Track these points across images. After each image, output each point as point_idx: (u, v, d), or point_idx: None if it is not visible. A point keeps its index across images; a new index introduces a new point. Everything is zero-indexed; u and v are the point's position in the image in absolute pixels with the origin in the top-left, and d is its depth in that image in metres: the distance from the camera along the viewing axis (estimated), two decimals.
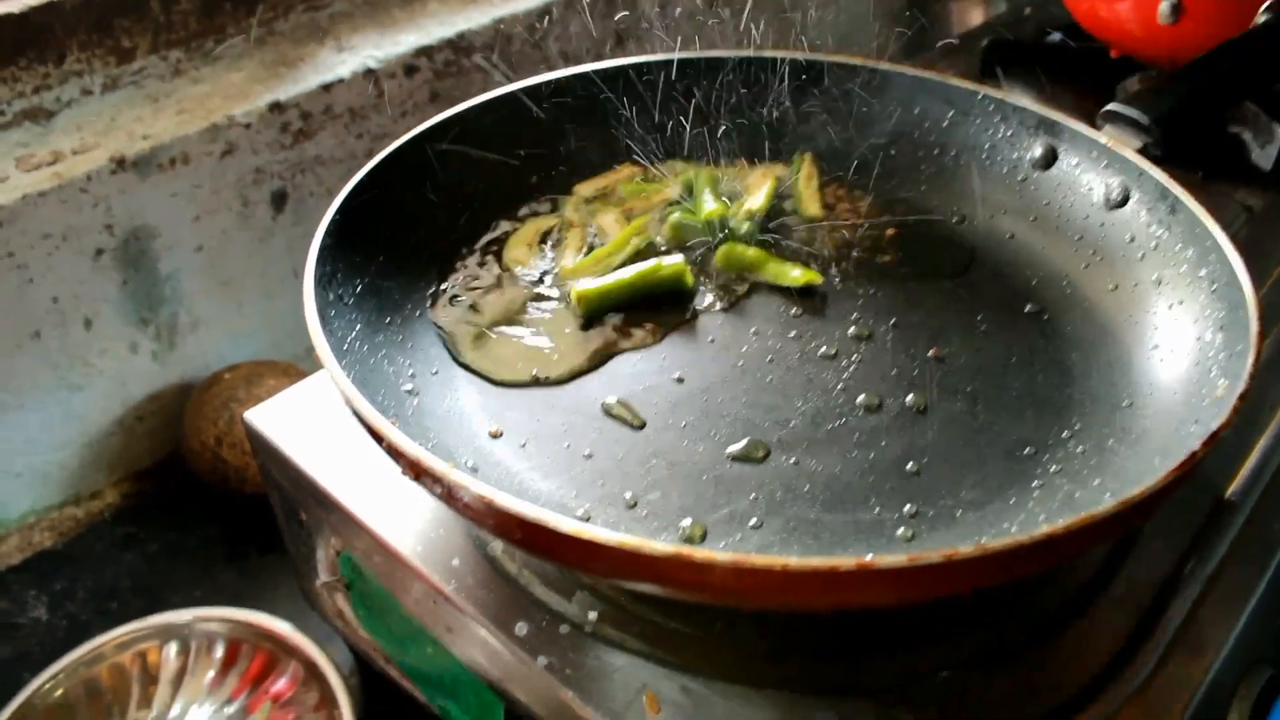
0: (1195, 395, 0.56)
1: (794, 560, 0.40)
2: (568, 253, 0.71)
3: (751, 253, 0.70)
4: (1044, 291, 0.68)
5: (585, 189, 0.76)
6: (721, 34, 1.21)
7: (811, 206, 0.75)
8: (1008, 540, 0.41)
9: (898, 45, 1.28)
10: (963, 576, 0.42)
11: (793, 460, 0.57)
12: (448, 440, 0.57)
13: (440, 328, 0.64)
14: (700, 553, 0.40)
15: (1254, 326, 0.53)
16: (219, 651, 0.75)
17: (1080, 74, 1.02)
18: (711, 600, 0.47)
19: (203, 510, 0.92)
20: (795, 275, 0.69)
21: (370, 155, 0.96)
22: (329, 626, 0.75)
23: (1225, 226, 0.61)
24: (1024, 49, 1.04)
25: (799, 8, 1.25)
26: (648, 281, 0.67)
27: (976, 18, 1.41)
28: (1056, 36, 1.10)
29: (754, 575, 0.40)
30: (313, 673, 0.72)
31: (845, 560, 0.40)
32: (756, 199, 0.74)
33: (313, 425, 0.66)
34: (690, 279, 0.68)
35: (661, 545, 0.41)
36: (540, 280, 0.69)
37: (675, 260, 0.68)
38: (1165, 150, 0.70)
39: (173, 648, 0.75)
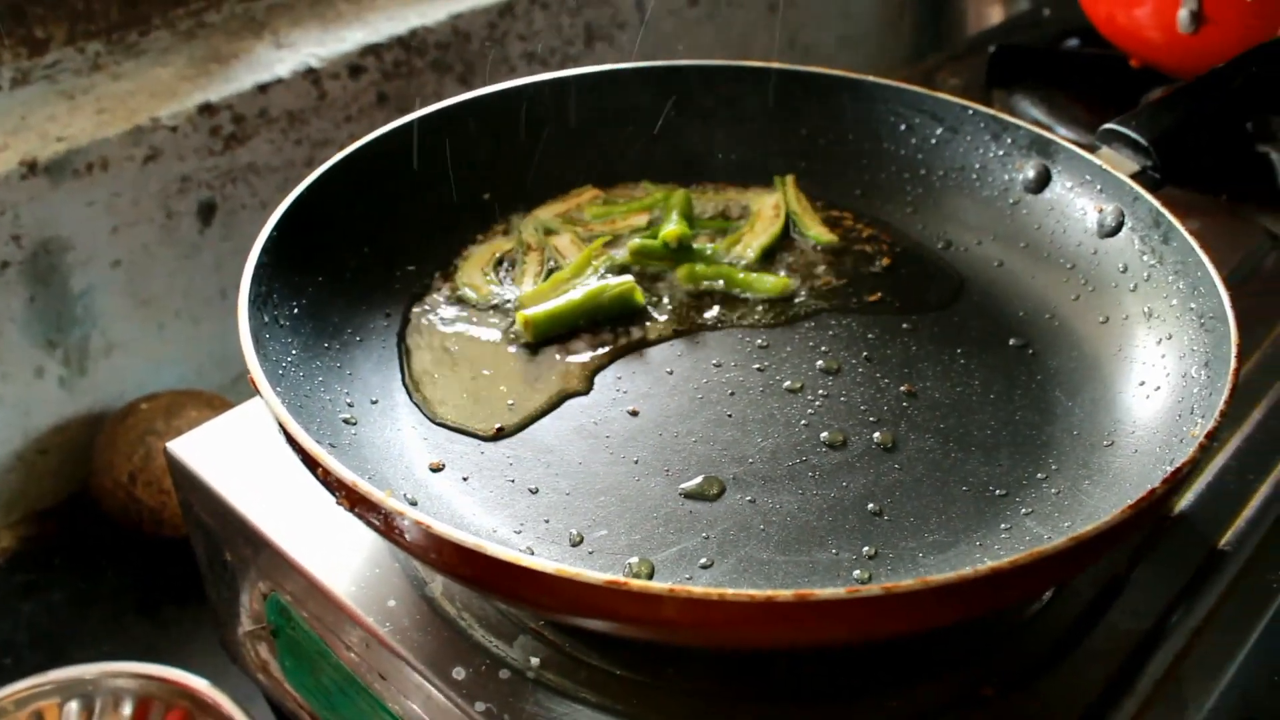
0: (1175, 434, 0.64)
1: (730, 590, 0.47)
2: (526, 278, 0.79)
3: (714, 268, 0.79)
4: (1030, 324, 0.77)
5: (545, 213, 0.84)
6: (705, 35, 1.30)
7: (818, 230, 0.84)
8: (951, 575, 0.49)
9: (905, 48, 1.38)
10: (906, 613, 0.50)
11: (749, 498, 0.65)
12: (385, 472, 0.64)
13: (405, 360, 0.73)
14: (636, 583, 0.48)
15: (1233, 363, 0.62)
16: (127, 710, 0.82)
17: (1098, 85, 1.11)
18: (650, 635, 0.54)
19: (113, 555, 0.99)
20: (769, 283, 0.78)
21: (310, 164, 1.05)
22: (251, 682, 0.82)
23: (1250, 254, 0.69)
24: (1035, 56, 1.13)
25: (795, 4, 1.35)
26: (596, 302, 0.76)
27: (996, 15, 1.51)
28: (1074, 43, 1.19)
29: (690, 606, 0.48)
30: None
31: (783, 592, 0.48)
32: (758, 238, 0.83)
33: (241, 458, 0.73)
34: (640, 296, 0.77)
35: (597, 575, 0.48)
36: (495, 307, 0.77)
37: (623, 279, 0.77)
38: (1166, 173, 0.78)
39: (74, 706, 0.82)
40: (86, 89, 1.00)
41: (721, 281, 0.80)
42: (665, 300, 0.79)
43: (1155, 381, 0.69)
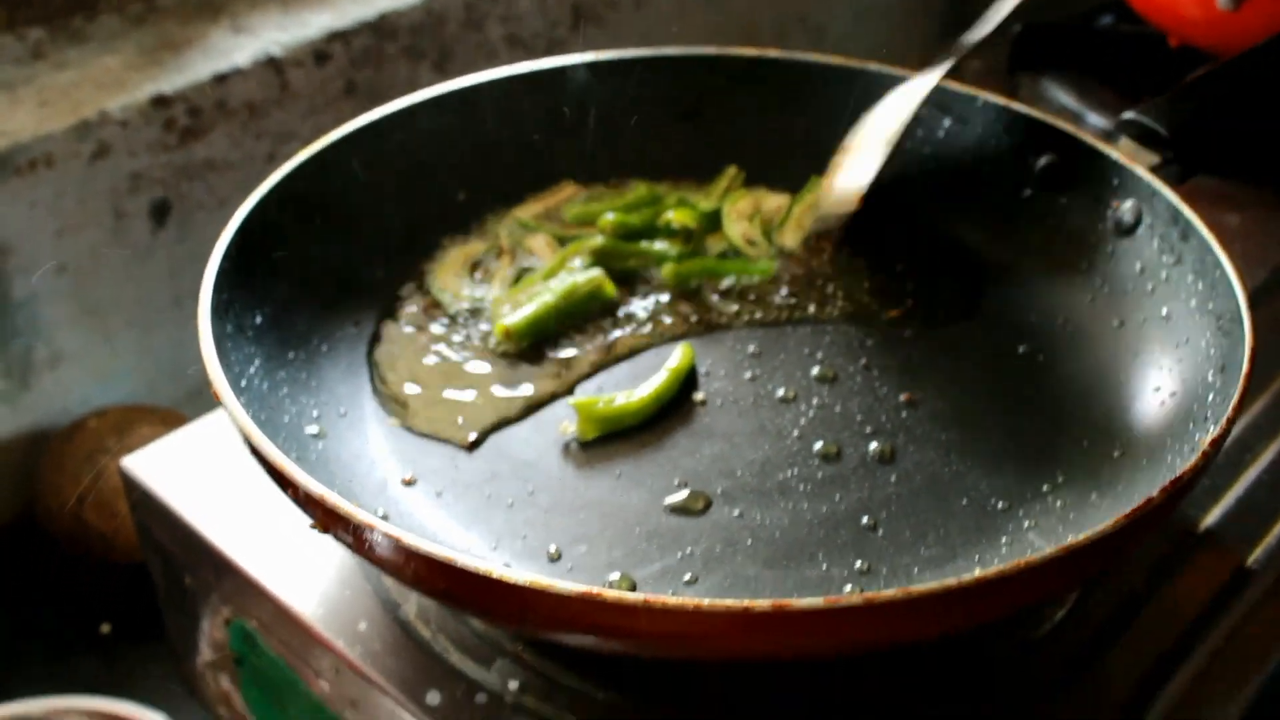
0: (1188, 443, 0.70)
1: (706, 601, 0.54)
2: (496, 282, 0.86)
3: (696, 262, 0.87)
4: (1041, 330, 0.84)
5: (524, 212, 0.91)
6: (704, 15, 1.37)
7: (790, 236, 0.91)
8: (934, 585, 0.55)
9: (927, 25, 1.44)
10: (888, 624, 0.56)
11: (736, 513, 0.71)
12: (355, 488, 0.71)
13: (376, 367, 0.80)
14: (611, 593, 0.55)
15: (1245, 367, 0.68)
16: None
17: (1133, 67, 1.18)
18: (628, 650, 0.61)
19: (58, 585, 1.06)
20: (753, 266, 0.88)
21: (272, 160, 1.12)
22: (210, 718, 0.89)
23: None
24: (1064, 35, 1.19)
25: None
26: (570, 300, 0.83)
27: None
28: (1108, 20, 1.26)
29: (666, 616, 0.54)
30: None
31: (760, 602, 0.54)
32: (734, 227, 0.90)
33: (201, 476, 0.80)
34: (611, 289, 0.85)
35: (572, 586, 0.55)
36: (471, 312, 0.84)
37: (591, 274, 0.85)
38: (1188, 165, 0.85)
39: None
40: (28, 79, 1.07)
41: (704, 277, 0.87)
42: (649, 305, 0.86)
43: (1171, 388, 0.76)
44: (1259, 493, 0.81)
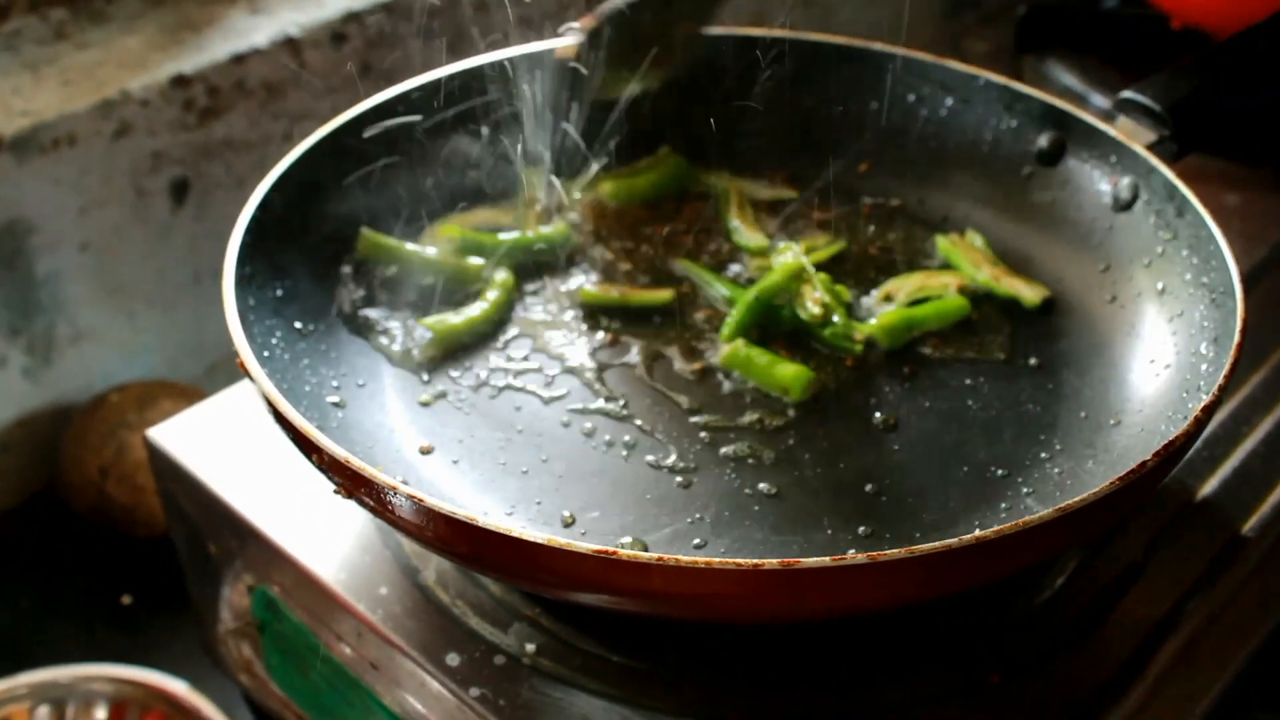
0: (1181, 411, 0.73)
1: (716, 560, 0.57)
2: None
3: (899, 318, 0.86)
4: (1041, 303, 0.86)
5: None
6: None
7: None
8: (936, 545, 0.58)
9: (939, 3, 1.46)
10: (891, 583, 0.59)
11: (744, 480, 0.74)
12: (375, 456, 0.74)
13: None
14: (625, 553, 0.57)
15: (1236, 337, 0.71)
16: (101, 714, 0.91)
17: (1136, 49, 1.20)
18: (641, 608, 0.64)
19: (83, 556, 1.09)
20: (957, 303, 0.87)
21: (288, 139, 1.14)
22: (232, 685, 0.92)
23: None
24: (1069, 18, 1.22)
25: None
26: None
27: None
28: (1113, 2, 1.28)
29: (678, 575, 0.57)
30: None
31: (769, 561, 0.57)
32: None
33: (224, 447, 0.83)
34: (568, 233, 0.90)
35: (587, 545, 0.58)
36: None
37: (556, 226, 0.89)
38: (1184, 143, 0.87)
39: (45, 710, 0.91)
40: (50, 59, 1.09)
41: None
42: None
43: (1165, 359, 0.78)
44: (1254, 463, 0.83)
